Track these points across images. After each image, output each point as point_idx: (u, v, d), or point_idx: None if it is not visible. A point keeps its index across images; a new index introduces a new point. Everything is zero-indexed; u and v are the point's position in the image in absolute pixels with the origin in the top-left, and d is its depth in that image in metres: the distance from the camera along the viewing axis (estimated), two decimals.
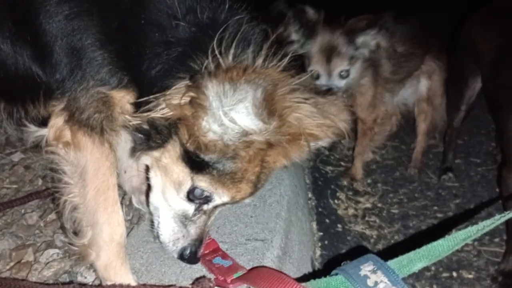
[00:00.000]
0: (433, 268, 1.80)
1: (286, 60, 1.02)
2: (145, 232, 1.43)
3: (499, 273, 1.73)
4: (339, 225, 2.07)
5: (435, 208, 2.21)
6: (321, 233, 1.98)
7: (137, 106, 1.11)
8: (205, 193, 1.14)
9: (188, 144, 1.07)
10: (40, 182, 1.72)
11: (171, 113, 1.04)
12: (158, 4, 1.06)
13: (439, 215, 2.16)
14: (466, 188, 2.34)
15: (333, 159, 2.69)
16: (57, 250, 1.36)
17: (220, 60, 0.99)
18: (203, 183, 1.12)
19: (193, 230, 1.19)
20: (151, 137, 1.11)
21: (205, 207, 1.18)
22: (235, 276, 1.16)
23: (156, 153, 1.14)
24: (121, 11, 1.06)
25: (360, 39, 2.08)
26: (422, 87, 2.47)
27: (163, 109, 1.04)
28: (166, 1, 1.06)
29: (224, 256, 1.27)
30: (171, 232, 1.20)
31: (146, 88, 1.08)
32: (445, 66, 2.41)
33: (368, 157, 2.53)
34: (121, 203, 1.45)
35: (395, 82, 2.36)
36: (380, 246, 1.90)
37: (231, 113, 0.99)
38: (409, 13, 2.31)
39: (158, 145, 1.11)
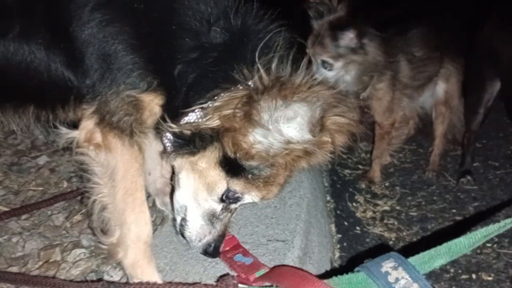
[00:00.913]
0: (452, 270, 1.80)
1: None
2: (168, 232, 1.46)
3: None
4: (357, 228, 2.08)
5: (454, 211, 2.21)
6: (340, 235, 2.00)
7: (166, 110, 1.15)
8: (237, 195, 1.20)
9: (230, 152, 1.12)
10: (65, 184, 1.77)
11: (219, 123, 1.09)
12: (190, 9, 1.11)
13: (458, 217, 2.16)
14: (484, 191, 2.34)
15: (351, 162, 2.70)
16: (83, 250, 1.40)
17: (265, 75, 1.04)
18: (237, 186, 1.18)
19: (218, 227, 1.24)
20: (192, 142, 1.15)
21: (233, 206, 1.24)
22: (257, 274, 1.19)
23: (192, 158, 1.18)
24: (152, 17, 1.11)
25: (341, 37, 2.09)
26: (440, 90, 2.47)
27: (212, 119, 1.09)
28: (198, 6, 1.10)
29: (245, 253, 1.30)
30: (199, 230, 1.24)
31: (179, 92, 1.13)
32: (462, 68, 2.41)
33: (386, 160, 2.54)
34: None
35: (414, 88, 2.37)
36: (399, 248, 1.91)
37: (281, 127, 1.05)
38: (423, 16, 2.32)
39: (197, 150, 1.16)
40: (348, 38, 2.08)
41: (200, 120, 1.12)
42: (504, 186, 2.33)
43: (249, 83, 1.07)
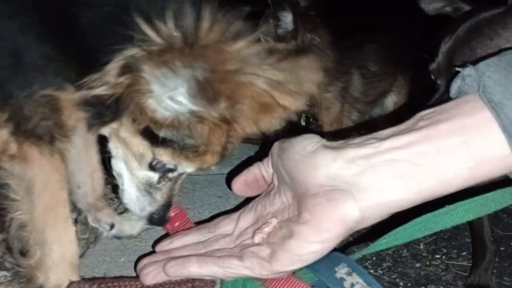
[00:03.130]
0: (401, 283, 1.76)
1: (236, 22, 0.94)
2: (101, 251, 1.36)
3: (467, 287, 1.71)
4: None
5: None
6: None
7: None
8: (168, 165, 1.08)
9: (140, 120, 0.99)
10: None
11: (112, 90, 0.96)
12: None
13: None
14: (446, 196, 2.33)
15: None
16: (5, 273, 1.26)
17: (155, 37, 0.90)
18: (164, 157, 1.05)
19: (159, 197, 1.14)
20: (102, 111, 1.02)
21: (170, 175, 1.13)
22: None
23: (114, 125, 1.07)
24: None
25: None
26: (389, 102, 2.45)
27: (101, 86, 0.96)
28: None
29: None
30: (135, 201, 1.15)
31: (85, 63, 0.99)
32: (410, 80, 2.41)
33: None
34: (76, 221, 1.38)
35: (366, 102, 2.33)
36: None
37: (175, 96, 0.92)
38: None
39: (112, 118, 1.03)
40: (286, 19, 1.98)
41: (92, 82, 0.98)
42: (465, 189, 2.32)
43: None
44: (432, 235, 1.94)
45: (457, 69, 0.66)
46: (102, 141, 1.21)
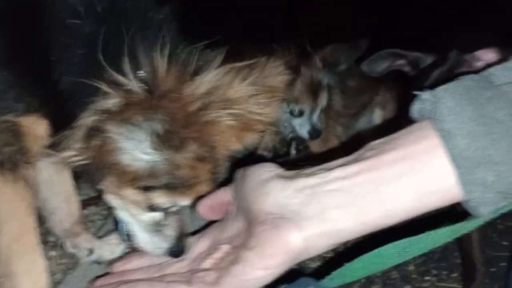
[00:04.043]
0: None
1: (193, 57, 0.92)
2: (80, 277, 1.33)
3: None
4: (297, 267, 1.98)
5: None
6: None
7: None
8: (166, 205, 1.05)
9: (119, 178, 0.97)
10: None
11: (83, 155, 0.94)
12: (59, 4, 0.94)
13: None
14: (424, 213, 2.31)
15: None
16: None
17: (114, 94, 0.88)
18: (159, 199, 1.03)
19: (170, 231, 1.10)
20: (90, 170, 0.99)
21: (173, 209, 1.09)
22: None
23: (103, 182, 1.02)
24: (20, 21, 0.94)
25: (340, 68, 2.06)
26: (376, 118, 2.44)
27: (71, 151, 0.94)
28: None
29: None
30: (150, 242, 1.11)
31: (64, 106, 0.97)
32: (397, 96, 2.39)
33: None
34: (55, 245, 1.35)
35: (348, 116, 2.32)
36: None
37: (144, 149, 0.90)
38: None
39: (98, 179, 1.00)
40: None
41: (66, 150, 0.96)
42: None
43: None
44: (422, 256, 1.91)
45: (415, 92, 0.65)
46: None
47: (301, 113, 2.09)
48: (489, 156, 0.59)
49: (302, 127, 2.15)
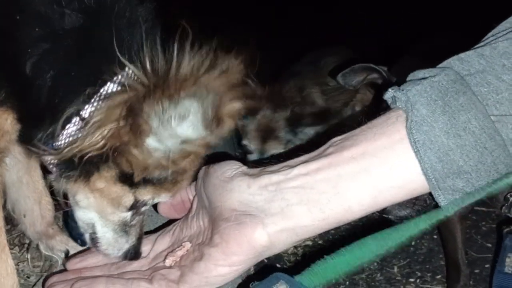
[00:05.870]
0: None
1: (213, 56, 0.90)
2: None
3: None
4: (278, 265, 1.96)
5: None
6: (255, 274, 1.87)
7: (26, 125, 0.95)
8: (149, 201, 1.02)
9: (127, 169, 0.94)
10: None
11: (104, 142, 0.90)
12: None
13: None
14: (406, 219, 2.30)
15: None
16: None
17: (141, 74, 0.86)
18: (145, 195, 0.99)
19: (134, 232, 1.07)
20: (80, 166, 0.95)
21: (144, 208, 1.05)
22: None
23: (87, 181, 0.98)
24: None
25: (303, 130, 2.04)
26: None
27: (94, 139, 0.90)
28: None
29: None
30: (114, 243, 1.07)
31: (39, 97, 0.92)
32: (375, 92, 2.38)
33: None
34: (29, 247, 1.31)
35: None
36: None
37: (175, 129, 0.88)
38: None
39: (90, 173, 0.96)
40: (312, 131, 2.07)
41: (81, 140, 0.92)
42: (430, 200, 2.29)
43: (123, 79, 0.89)
44: (406, 258, 1.90)
45: (390, 89, 0.65)
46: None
47: (249, 151, 2.08)
48: (459, 167, 0.60)
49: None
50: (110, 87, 0.91)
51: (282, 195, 0.66)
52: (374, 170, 0.63)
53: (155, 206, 1.08)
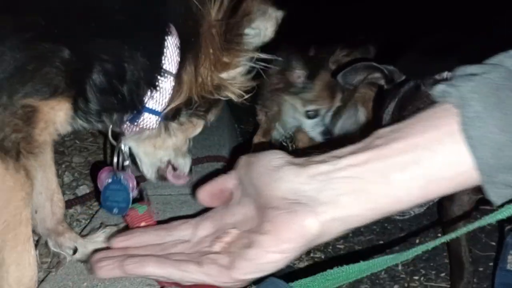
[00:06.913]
0: None
1: None
2: (63, 275, 1.29)
3: None
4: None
5: (381, 242, 2.15)
6: None
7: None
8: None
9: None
10: None
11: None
12: None
13: (386, 249, 2.10)
14: (411, 221, 2.30)
15: None
16: None
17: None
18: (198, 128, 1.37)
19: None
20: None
21: None
22: None
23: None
24: None
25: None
26: (361, 115, 2.43)
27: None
28: None
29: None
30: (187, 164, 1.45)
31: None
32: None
33: None
34: (37, 243, 1.32)
35: None
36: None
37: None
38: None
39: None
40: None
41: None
42: (429, 216, 2.30)
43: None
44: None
45: (439, 84, 0.66)
46: None
47: (316, 115, 2.09)
48: None
49: (314, 128, 2.15)
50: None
51: (332, 185, 0.67)
52: (424, 162, 0.64)
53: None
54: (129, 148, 1.35)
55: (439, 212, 1.78)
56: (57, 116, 0.96)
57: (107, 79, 1.00)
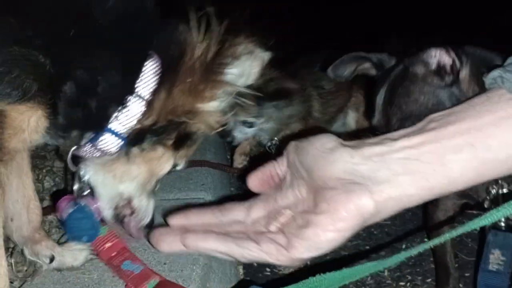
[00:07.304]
0: None
1: None
2: (39, 285, 1.25)
3: None
4: (267, 269, 1.94)
5: (367, 247, 2.14)
6: (248, 278, 1.85)
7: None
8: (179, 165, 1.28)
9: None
10: None
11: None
12: None
13: (372, 254, 2.08)
14: (397, 226, 2.29)
15: None
16: None
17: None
18: (181, 159, 1.25)
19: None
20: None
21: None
22: (148, 286, 1.14)
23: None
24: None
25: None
26: (350, 120, 2.43)
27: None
28: None
29: (133, 259, 1.22)
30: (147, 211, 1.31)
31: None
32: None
33: None
34: (12, 252, 1.29)
35: (325, 121, 2.31)
36: None
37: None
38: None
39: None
40: None
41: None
42: (416, 221, 2.29)
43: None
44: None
45: (494, 70, 0.71)
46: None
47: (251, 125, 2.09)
48: None
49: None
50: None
51: (387, 165, 0.70)
52: (479, 145, 0.67)
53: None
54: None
55: (424, 217, 1.77)
56: (26, 123, 0.92)
57: (79, 89, 0.97)
